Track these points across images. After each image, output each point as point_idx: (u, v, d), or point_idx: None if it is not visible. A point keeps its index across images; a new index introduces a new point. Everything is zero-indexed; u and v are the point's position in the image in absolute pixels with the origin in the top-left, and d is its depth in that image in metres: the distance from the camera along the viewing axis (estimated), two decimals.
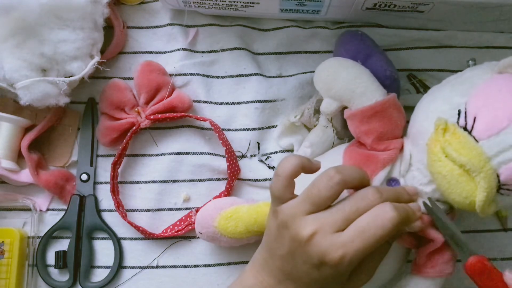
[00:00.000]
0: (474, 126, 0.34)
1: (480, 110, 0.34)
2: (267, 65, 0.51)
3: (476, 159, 0.33)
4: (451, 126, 0.34)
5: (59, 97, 0.45)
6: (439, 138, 0.34)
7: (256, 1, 0.46)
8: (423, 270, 0.39)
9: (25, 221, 0.49)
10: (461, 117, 0.34)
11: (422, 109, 0.39)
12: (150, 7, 0.52)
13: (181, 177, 0.49)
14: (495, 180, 0.33)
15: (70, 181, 0.49)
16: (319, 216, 0.35)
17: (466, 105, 0.34)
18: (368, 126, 0.40)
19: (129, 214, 0.49)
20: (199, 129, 0.50)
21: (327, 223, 0.34)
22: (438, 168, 0.34)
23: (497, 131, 0.33)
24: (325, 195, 0.34)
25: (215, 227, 0.43)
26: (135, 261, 0.48)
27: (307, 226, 0.34)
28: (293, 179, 0.36)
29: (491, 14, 0.46)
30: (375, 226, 0.33)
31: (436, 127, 0.35)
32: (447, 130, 0.34)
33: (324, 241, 0.33)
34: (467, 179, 0.33)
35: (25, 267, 0.48)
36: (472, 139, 0.33)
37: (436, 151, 0.34)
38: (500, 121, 0.33)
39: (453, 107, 0.35)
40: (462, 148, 0.33)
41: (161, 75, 0.48)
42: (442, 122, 0.35)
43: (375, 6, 0.45)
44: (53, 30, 0.44)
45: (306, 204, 0.35)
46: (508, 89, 0.34)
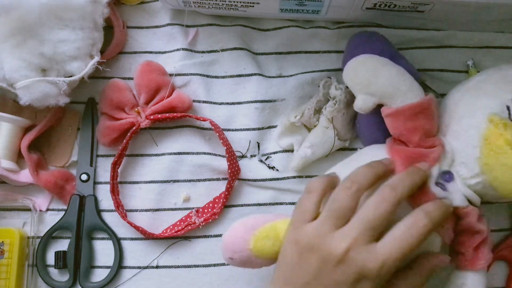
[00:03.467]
0: None
1: None
2: (267, 65, 0.51)
3: None
4: (505, 121, 0.36)
5: (59, 97, 0.45)
6: (501, 131, 0.36)
7: (256, 1, 0.46)
8: (476, 263, 0.40)
9: (25, 221, 0.49)
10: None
11: (464, 106, 0.39)
12: (150, 7, 0.52)
13: (181, 177, 0.49)
14: None
15: (70, 181, 0.49)
16: (347, 231, 0.34)
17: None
18: (415, 123, 0.40)
19: (129, 214, 0.49)
20: (199, 129, 0.50)
21: (359, 237, 0.34)
22: (503, 160, 0.36)
23: None
24: (347, 206, 0.35)
25: (250, 249, 0.39)
26: (135, 261, 0.48)
27: (339, 243, 0.34)
28: (324, 196, 0.36)
29: (491, 14, 0.46)
30: (411, 235, 0.34)
31: (495, 123, 0.36)
32: (507, 125, 0.36)
33: (360, 255, 0.33)
34: None
35: (25, 267, 0.48)
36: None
37: (500, 144, 0.36)
38: None
39: (501, 103, 0.37)
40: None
41: (161, 75, 0.48)
42: (497, 119, 0.36)
43: (375, 6, 0.45)
44: (53, 30, 0.44)
45: (331, 220, 0.35)
46: None
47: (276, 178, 0.48)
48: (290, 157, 0.49)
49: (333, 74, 0.50)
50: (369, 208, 0.35)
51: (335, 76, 0.49)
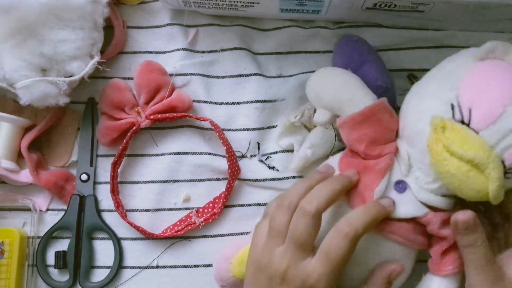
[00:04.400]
0: (471, 118, 0.34)
1: (473, 101, 0.34)
2: (267, 65, 0.51)
3: (481, 151, 0.33)
4: (448, 122, 0.34)
5: (59, 97, 0.45)
6: (440, 137, 0.34)
7: (256, 1, 0.46)
8: (442, 269, 0.38)
9: (25, 221, 0.49)
10: (456, 111, 0.34)
11: (412, 110, 0.38)
12: (150, 7, 0.52)
13: (181, 177, 0.49)
14: (501, 167, 0.33)
15: (70, 181, 0.49)
16: (284, 250, 0.36)
17: (457, 99, 0.34)
18: (359, 132, 0.39)
19: (129, 214, 0.49)
20: (199, 129, 0.50)
21: (293, 255, 0.35)
22: (445, 167, 0.34)
23: (494, 119, 0.33)
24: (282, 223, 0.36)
25: (233, 276, 0.44)
26: (135, 261, 0.48)
27: (279, 262, 0.36)
28: None
29: (491, 14, 0.46)
30: (336, 247, 0.34)
31: (434, 127, 0.34)
32: (446, 128, 0.34)
33: (298, 272, 0.35)
34: (476, 172, 0.33)
35: (25, 267, 0.48)
36: (472, 132, 0.33)
37: (440, 150, 0.34)
38: (495, 108, 0.33)
39: (444, 102, 0.35)
40: (465, 143, 0.33)
41: (161, 75, 0.48)
42: (438, 120, 0.34)
43: (375, 6, 0.45)
44: (53, 30, 0.44)
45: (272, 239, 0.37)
46: (495, 76, 0.34)
47: (276, 178, 0.48)
48: (290, 157, 0.49)
49: None
50: (295, 225, 0.36)
51: None
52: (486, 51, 0.35)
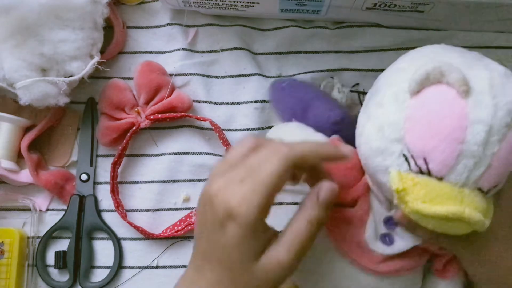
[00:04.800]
0: (429, 168, 0.30)
1: (424, 150, 0.30)
2: (267, 65, 0.51)
3: (452, 199, 0.29)
4: (407, 178, 0.30)
5: (59, 97, 0.45)
6: (405, 199, 0.30)
7: (256, 1, 0.45)
8: (445, 275, 0.38)
9: (25, 221, 0.49)
10: (411, 162, 0.31)
11: (367, 160, 0.34)
12: (150, 7, 0.52)
13: (181, 177, 0.49)
14: (479, 196, 0.30)
15: (70, 181, 0.49)
16: (227, 173, 0.31)
17: (408, 149, 0.31)
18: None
19: (129, 214, 0.49)
20: (199, 129, 0.50)
21: (232, 176, 0.31)
22: (422, 223, 0.31)
23: (454, 160, 0.29)
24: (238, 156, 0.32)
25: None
26: (135, 261, 0.48)
27: (214, 182, 0.31)
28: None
29: (491, 14, 0.46)
30: (266, 163, 0.30)
31: (395, 192, 0.30)
32: (407, 189, 0.30)
33: (228, 192, 0.30)
34: (455, 221, 0.29)
35: (25, 267, 0.48)
36: (435, 181, 0.30)
37: (411, 213, 0.30)
38: (451, 151, 0.29)
39: (396, 155, 0.31)
40: (432, 198, 0.29)
41: (161, 75, 0.48)
42: (396, 183, 0.30)
43: (375, 6, 0.45)
44: (53, 30, 0.44)
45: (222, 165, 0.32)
46: (436, 110, 0.30)
47: None
48: None
49: (332, 74, 0.50)
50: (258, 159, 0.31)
51: (337, 76, 0.49)
52: (418, 83, 0.30)
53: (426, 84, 0.30)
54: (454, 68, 0.29)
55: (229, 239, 0.30)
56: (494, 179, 0.30)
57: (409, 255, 0.35)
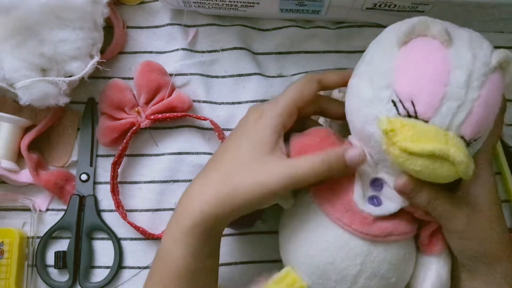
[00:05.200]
0: (416, 110, 0.32)
1: (411, 93, 0.32)
2: (267, 65, 0.51)
3: (437, 140, 0.31)
4: (395, 121, 0.32)
5: (59, 97, 0.45)
6: (393, 140, 0.32)
7: (256, 1, 0.46)
8: (431, 249, 0.38)
9: (25, 221, 0.49)
10: (399, 106, 0.33)
11: (355, 114, 0.36)
12: (150, 7, 0.52)
13: (181, 177, 0.49)
14: (464, 146, 0.32)
15: (70, 181, 0.49)
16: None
17: (396, 95, 0.33)
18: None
19: (129, 214, 0.49)
20: (199, 129, 0.50)
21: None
22: (409, 166, 0.32)
23: (439, 102, 0.32)
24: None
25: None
26: (135, 261, 0.48)
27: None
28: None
29: (491, 14, 0.46)
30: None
31: (384, 133, 0.32)
32: (395, 129, 0.32)
33: (262, 104, 0.39)
34: (441, 161, 0.32)
35: (24, 267, 0.48)
36: (422, 123, 0.32)
37: (398, 153, 0.32)
38: (436, 92, 0.32)
39: (385, 101, 0.33)
40: (419, 138, 0.31)
41: (161, 75, 0.48)
42: (386, 124, 0.32)
43: (375, 6, 0.45)
44: (53, 30, 0.44)
45: None
46: (422, 57, 0.33)
47: None
48: None
49: None
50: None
51: None
52: (405, 33, 0.33)
53: (412, 35, 0.34)
54: (437, 21, 0.33)
55: (254, 131, 0.36)
56: (475, 127, 0.33)
57: (398, 218, 0.36)
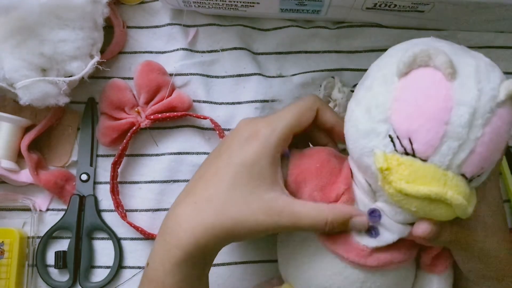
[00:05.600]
0: (414, 148, 0.30)
1: (409, 130, 0.30)
2: (267, 65, 0.51)
3: (436, 180, 0.30)
4: (392, 158, 0.31)
5: (59, 97, 0.45)
6: (389, 179, 0.30)
7: (256, 1, 0.46)
8: (434, 269, 0.38)
9: (25, 221, 0.49)
10: (396, 143, 0.31)
11: (352, 144, 0.34)
12: (150, 7, 0.51)
13: (181, 177, 0.49)
14: (463, 182, 0.31)
15: (70, 181, 0.49)
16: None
17: (394, 130, 0.31)
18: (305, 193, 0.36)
19: (129, 214, 0.49)
20: (199, 129, 0.50)
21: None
22: (405, 206, 0.31)
23: (439, 141, 0.30)
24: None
25: None
26: (135, 261, 0.48)
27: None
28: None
29: (491, 14, 0.46)
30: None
31: (379, 171, 0.31)
32: (391, 168, 0.31)
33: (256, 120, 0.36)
34: (438, 202, 0.30)
35: (25, 267, 0.48)
36: (419, 162, 0.30)
37: (393, 192, 0.31)
38: (435, 130, 0.30)
39: (382, 136, 0.31)
40: (416, 178, 0.30)
41: (161, 75, 0.48)
42: (381, 162, 0.31)
43: (375, 6, 0.45)
44: (53, 30, 0.44)
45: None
46: (422, 91, 0.30)
47: None
48: None
49: (332, 74, 0.50)
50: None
51: (338, 76, 0.49)
52: (406, 65, 0.31)
53: (413, 66, 0.31)
54: (441, 51, 0.30)
55: (248, 154, 0.34)
56: (478, 165, 0.31)
57: (397, 247, 0.35)
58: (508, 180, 0.49)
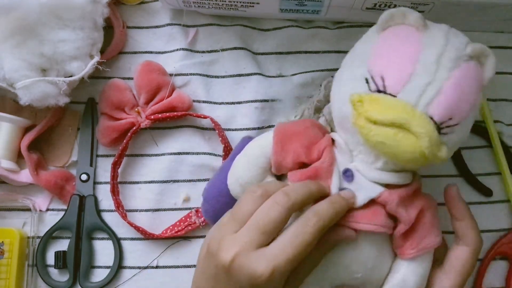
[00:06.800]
0: (385, 85, 0.34)
1: (383, 69, 0.34)
2: (267, 65, 0.51)
3: (401, 111, 0.32)
4: (365, 96, 0.34)
5: (59, 97, 0.45)
6: (360, 111, 0.34)
7: (256, 1, 0.46)
8: (406, 252, 0.37)
9: (25, 221, 0.49)
10: (370, 83, 0.34)
11: (335, 98, 0.38)
12: (150, 7, 0.52)
13: (181, 177, 0.49)
14: (430, 123, 0.33)
15: (70, 181, 0.49)
16: (238, 236, 0.32)
17: (369, 72, 0.35)
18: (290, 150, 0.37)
19: (129, 214, 0.49)
20: (199, 129, 0.50)
21: (248, 242, 0.32)
22: (373, 137, 0.33)
23: (407, 78, 0.33)
24: (247, 210, 0.33)
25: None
26: (135, 261, 0.48)
27: (228, 249, 0.32)
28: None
29: (491, 14, 0.46)
30: (302, 233, 0.32)
31: (353, 104, 0.34)
32: (363, 101, 0.34)
33: (248, 261, 0.31)
34: (405, 133, 0.32)
35: (25, 267, 0.48)
36: (389, 97, 0.33)
37: (363, 123, 0.33)
38: (405, 68, 0.33)
39: (359, 79, 0.35)
40: (385, 109, 0.33)
41: (161, 75, 0.48)
42: (355, 96, 0.34)
43: (375, 6, 0.45)
44: (53, 30, 0.44)
45: (230, 224, 0.33)
46: (397, 39, 0.35)
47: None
48: None
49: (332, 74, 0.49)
50: (261, 212, 0.33)
51: None
52: (384, 21, 0.36)
53: (390, 23, 0.36)
54: (414, 11, 0.35)
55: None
56: (445, 109, 0.33)
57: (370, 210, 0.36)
58: (508, 180, 0.49)
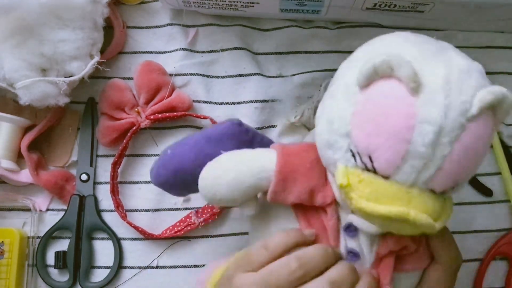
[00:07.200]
0: (374, 166, 0.28)
1: (369, 148, 0.28)
2: (267, 65, 0.51)
3: (398, 199, 0.28)
4: (353, 174, 0.29)
5: (59, 97, 0.45)
6: (349, 195, 0.29)
7: (256, 1, 0.46)
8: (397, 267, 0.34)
9: (25, 221, 0.49)
10: (357, 158, 0.29)
11: (320, 151, 0.32)
12: (150, 7, 0.52)
13: None
14: (430, 197, 0.29)
15: (70, 181, 0.49)
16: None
17: (354, 146, 0.29)
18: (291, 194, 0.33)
19: (129, 214, 0.49)
20: (199, 129, 0.50)
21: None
22: (370, 221, 0.30)
23: (400, 161, 0.27)
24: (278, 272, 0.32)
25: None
26: (135, 261, 0.48)
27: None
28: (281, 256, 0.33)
29: (491, 14, 0.46)
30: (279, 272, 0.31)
31: (340, 189, 0.29)
32: (351, 186, 0.29)
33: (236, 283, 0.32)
34: (401, 221, 0.28)
35: (25, 267, 0.48)
36: (381, 179, 0.28)
37: (356, 208, 0.29)
38: (396, 150, 0.27)
39: (344, 150, 0.30)
40: (377, 196, 0.28)
41: (161, 75, 0.48)
42: (341, 179, 0.29)
43: (375, 6, 0.45)
44: (53, 30, 0.44)
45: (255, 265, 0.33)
46: (383, 105, 0.28)
47: None
48: None
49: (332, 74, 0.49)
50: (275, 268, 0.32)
51: None
52: (365, 77, 0.28)
53: (374, 78, 0.28)
54: (404, 62, 0.27)
55: None
56: (448, 181, 0.29)
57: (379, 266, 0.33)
58: (508, 180, 0.49)
